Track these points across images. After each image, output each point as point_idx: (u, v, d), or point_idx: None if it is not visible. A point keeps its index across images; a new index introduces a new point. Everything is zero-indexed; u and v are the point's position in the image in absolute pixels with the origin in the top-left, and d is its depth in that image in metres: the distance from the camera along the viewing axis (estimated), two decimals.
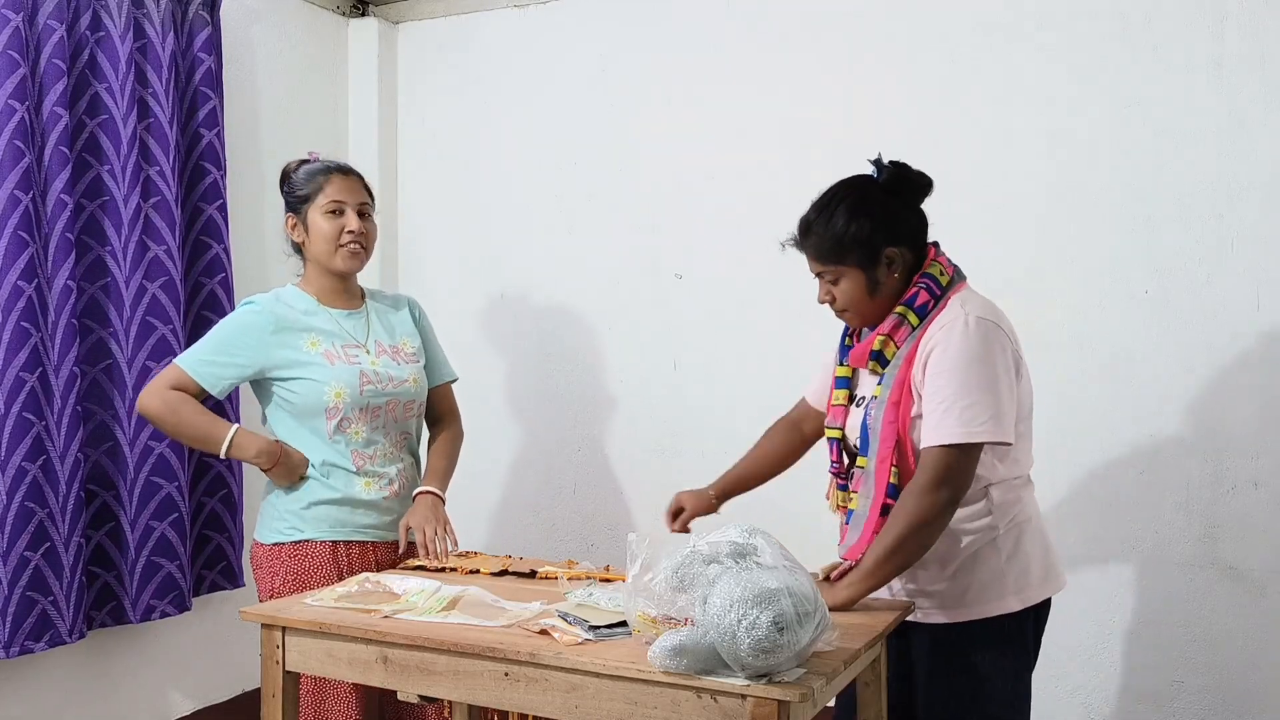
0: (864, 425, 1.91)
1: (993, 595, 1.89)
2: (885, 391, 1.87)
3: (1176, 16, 2.68)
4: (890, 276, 1.90)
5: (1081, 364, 2.78)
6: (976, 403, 1.78)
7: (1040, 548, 1.96)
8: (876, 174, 1.94)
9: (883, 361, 1.90)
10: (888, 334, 1.89)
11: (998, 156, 2.87)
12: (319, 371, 2.21)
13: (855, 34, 3.03)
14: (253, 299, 2.28)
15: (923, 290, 1.89)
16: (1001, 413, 1.81)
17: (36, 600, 2.55)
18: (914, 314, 1.88)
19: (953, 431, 1.78)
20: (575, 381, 3.47)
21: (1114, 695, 2.77)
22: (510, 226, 3.56)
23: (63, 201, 2.65)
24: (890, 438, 1.85)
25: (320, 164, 2.30)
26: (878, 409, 1.88)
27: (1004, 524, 1.90)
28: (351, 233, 2.24)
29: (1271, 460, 2.62)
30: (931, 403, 1.82)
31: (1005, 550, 1.90)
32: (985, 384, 1.80)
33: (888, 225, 1.89)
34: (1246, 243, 2.63)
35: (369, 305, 2.36)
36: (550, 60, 3.48)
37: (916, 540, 1.80)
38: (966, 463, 1.80)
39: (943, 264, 1.93)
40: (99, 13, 2.78)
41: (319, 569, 2.20)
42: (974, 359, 1.80)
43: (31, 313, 2.56)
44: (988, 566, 1.89)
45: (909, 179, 1.94)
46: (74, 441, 2.65)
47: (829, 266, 1.91)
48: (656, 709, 1.53)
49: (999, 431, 1.80)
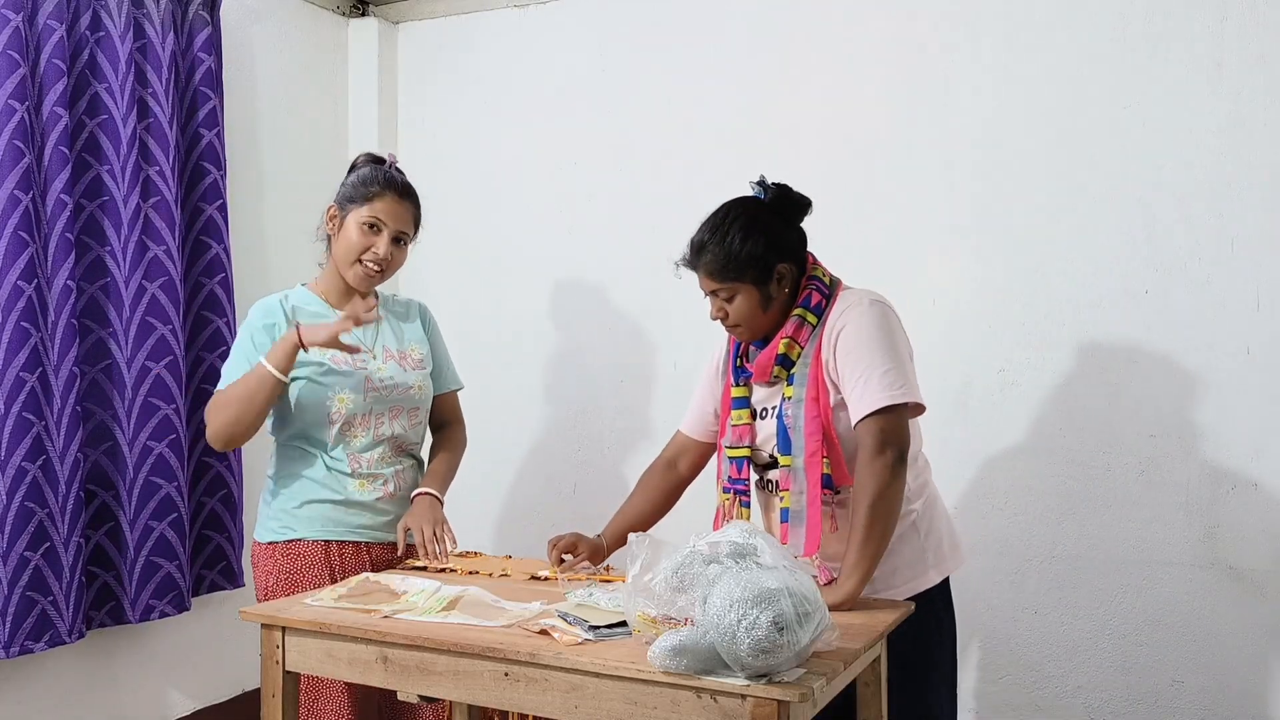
0: (781, 428, 1.98)
1: (918, 572, 2.02)
2: (800, 390, 1.96)
3: (1176, 16, 2.69)
4: (781, 291, 2.00)
5: (1081, 364, 2.78)
6: (891, 368, 1.90)
7: (945, 522, 2.11)
8: (762, 195, 2.04)
9: (788, 364, 1.99)
10: (791, 336, 1.99)
11: (998, 156, 2.87)
12: (326, 376, 2.20)
13: (854, 34, 3.03)
14: (264, 302, 2.27)
15: (814, 292, 2.01)
16: (912, 377, 1.94)
17: (36, 600, 2.55)
18: (811, 314, 1.99)
19: (877, 397, 1.88)
20: (575, 381, 3.47)
21: (1114, 695, 2.77)
22: (510, 226, 3.56)
23: (62, 201, 2.65)
24: (816, 432, 1.93)
25: (384, 175, 2.25)
26: (795, 408, 1.96)
27: (919, 502, 2.03)
28: (376, 255, 2.23)
29: (1271, 460, 2.62)
30: (850, 380, 1.92)
31: (923, 528, 2.03)
32: (894, 353, 1.92)
33: (778, 244, 2.00)
34: (1246, 243, 2.63)
35: (380, 310, 2.35)
36: (550, 60, 3.48)
37: (885, 508, 1.88)
38: (899, 422, 1.90)
39: (822, 268, 2.06)
40: (99, 13, 2.78)
41: (311, 568, 2.20)
42: (879, 332, 1.93)
43: (31, 313, 2.56)
44: (910, 545, 2.01)
45: (792, 199, 2.05)
46: (73, 441, 2.65)
47: (725, 284, 2.00)
48: (656, 709, 1.53)
49: (914, 393, 1.92)
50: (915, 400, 1.92)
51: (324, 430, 2.21)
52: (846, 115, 3.04)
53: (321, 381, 2.20)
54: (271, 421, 2.29)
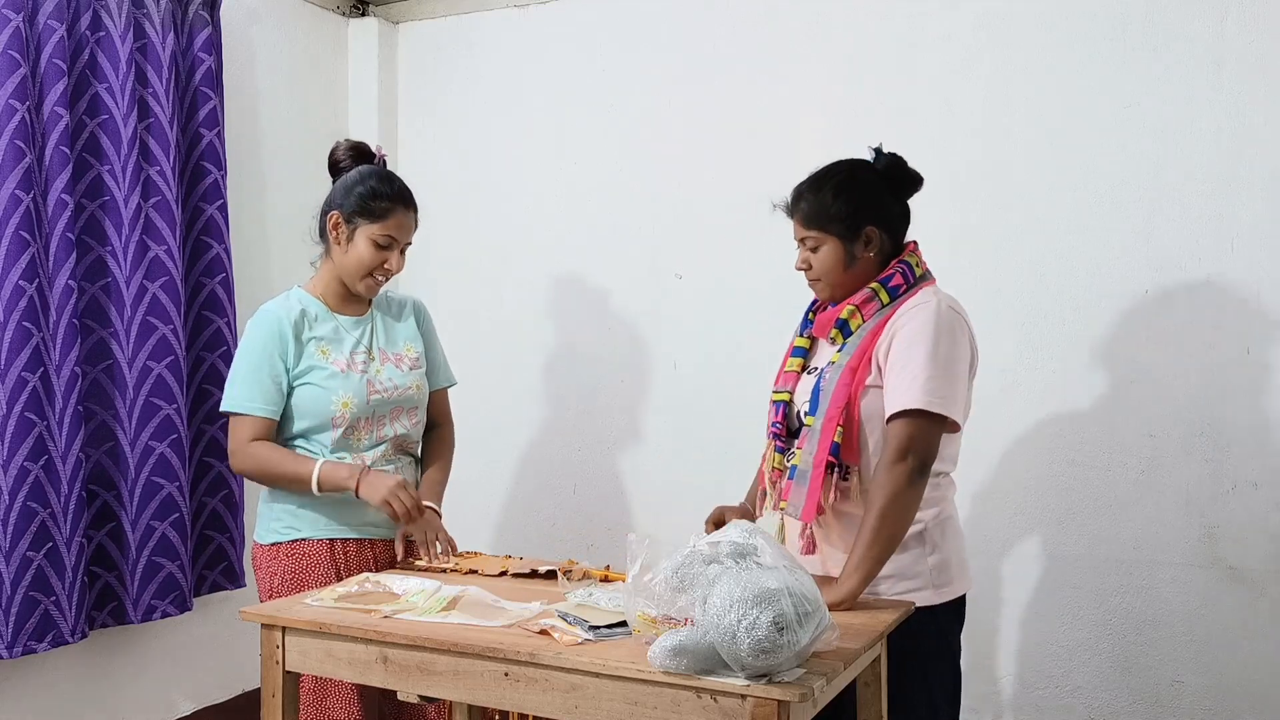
0: (816, 389, 1.98)
1: (916, 587, 1.96)
2: (844, 358, 1.96)
3: (1176, 16, 2.68)
4: (866, 254, 2.00)
5: (1081, 364, 2.78)
6: (937, 376, 1.87)
7: (958, 546, 2.04)
8: (874, 159, 2.05)
9: (846, 331, 1.98)
10: (857, 305, 1.98)
11: (998, 156, 2.87)
12: (329, 380, 2.20)
13: (855, 34, 3.03)
14: (262, 308, 2.25)
15: (898, 274, 1.99)
16: (957, 395, 1.90)
17: (39, 600, 2.56)
18: (886, 292, 1.97)
19: (916, 398, 1.86)
20: (575, 381, 3.47)
21: (1114, 695, 2.77)
22: (510, 226, 3.56)
23: (63, 201, 2.65)
24: (841, 399, 1.93)
25: (392, 189, 2.23)
26: (833, 373, 1.96)
27: (930, 518, 1.97)
28: (389, 271, 2.24)
29: (1271, 460, 2.62)
30: (894, 373, 1.90)
31: (929, 543, 1.97)
32: (947, 365, 1.89)
33: (872, 205, 2.00)
34: (1246, 243, 2.63)
35: (375, 312, 2.35)
36: (550, 60, 3.48)
37: (895, 515, 1.86)
38: (929, 433, 1.87)
39: (919, 258, 2.04)
40: (99, 13, 2.78)
41: (317, 568, 2.20)
42: (941, 340, 1.89)
43: (33, 313, 2.56)
44: (909, 556, 1.95)
45: (902, 170, 2.04)
46: (75, 441, 2.65)
47: (811, 232, 2.01)
48: (656, 709, 1.53)
49: (954, 410, 1.88)
50: (949, 415, 1.88)
51: (326, 433, 2.21)
52: (846, 115, 3.03)
53: (324, 385, 2.20)
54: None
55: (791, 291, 3.12)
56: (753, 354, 3.18)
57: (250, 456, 2.18)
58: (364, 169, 2.28)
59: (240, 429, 2.19)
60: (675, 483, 3.27)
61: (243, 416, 2.18)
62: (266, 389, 2.18)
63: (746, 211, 3.17)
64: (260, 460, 2.18)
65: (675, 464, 3.28)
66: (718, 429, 3.20)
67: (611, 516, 3.39)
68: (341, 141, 2.35)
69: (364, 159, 2.31)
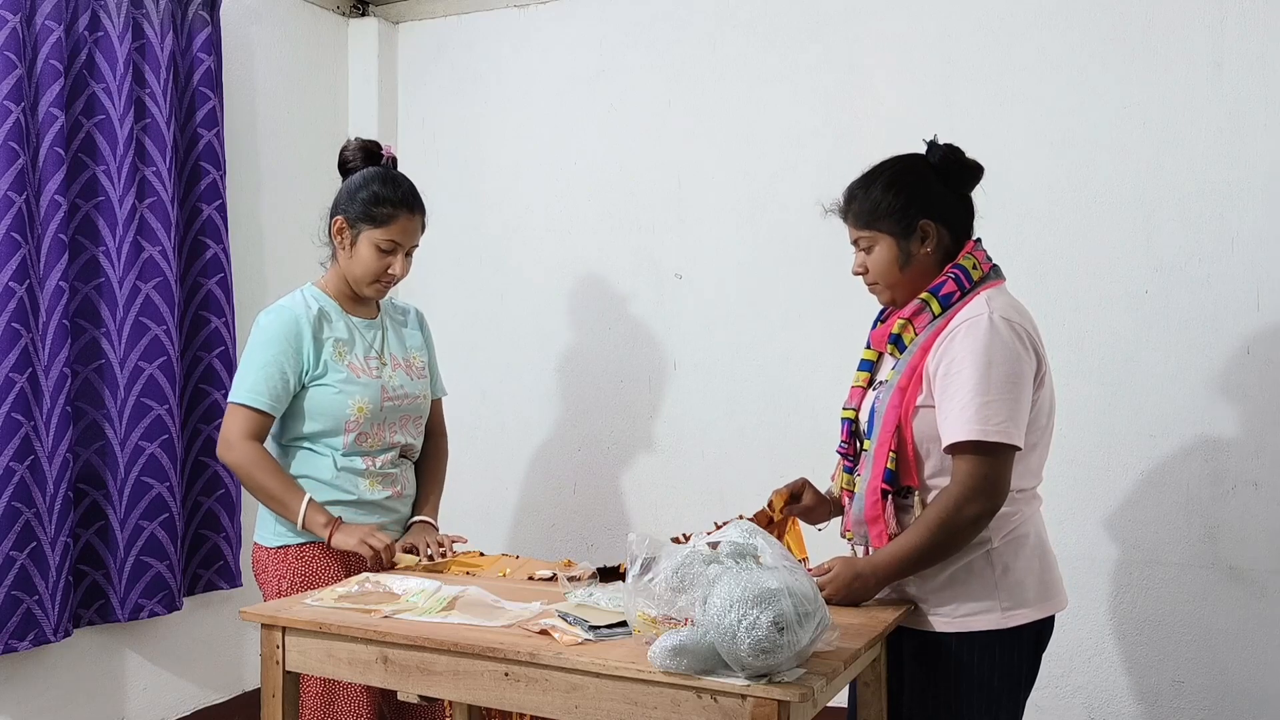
0: (873, 409, 1.91)
1: (981, 610, 1.84)
2: (896, 377, 1.87)
3: (1176, 16, 2.68)
4: (923, 251, 1.89)
5: (1081, 364, 2.78)
6: (993, 401, 1.75)
7: (1038, 566, 1.89)
8: (928, 151, 1.94)
9: (900, 346, 1.88)
10: (908, 319, 1.87)
11: (998, 157, 2.85)
12: (346, 384, 2.19)
13: (855, 34, 3.03)
14: (279, 305, 2.22)
15: (950, 280, 1.87)
16: (1017, 415, 1.77)
17: (21, 599, 2.56)
18: (937, 302, 1.86)
19: (970, 429, 1.74)
20: (575, 381, 3.46)
21: (1114, 695, 2.77)
22: (510, 226, 3.56)
23: (56, 202, 2.65)
24: (891, 423, 1.83)
25: (397, 194, 2.22)
26: (885, 393, 1.87)
27: (999, 537, 1.85)
28: (394, 275, 2.22)
29: (1271, 460, 2.61)
30: (947, 398, 1.79)
31: (999, 565, 1.84)
32: (1002, 384, 1.76)
33: (926, 198, 1.89)
34: (1246, 243, 2.63)
35: (384, 317, 2.34)
36: (550, 60, 3.48)
37: (939, 550, 1.79)
38: (994, 466, 1.76)
39: (979, 259, 1.91)
40: (98, 13, 2.78)
41: (325, 569, 2.19)
42: (994, 358, 1.77)
43: (22, 313, 2.56)
44: (979, 580, 1.84)
45: (959, 161, 1.92)
46: (63, 441, 2.65)
47: (864, 232, 1.91)
48: (656, 709, 1.52)
49: (1013, 434, 1.76)
50: (1008, 443, 1.75)
51: (339, 437, 2.20)
52: (846, 114, 3.03)
53: (341, 389, 2.19)
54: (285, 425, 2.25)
55: (792, 291, 3.12)
56: (753, 353, 3.19)
57: (243, 454, 2.15)
58: (368, 172, 2.25)
59: (237, 419, 2.17)
60: (675, 483, 3.27)
61: (243, 408, 2.16)
62: (275, 386, 2.16)
63: (747, 211, 3.18)
64: (251, 463, 2.15)
65: (675, 464, 3.27)
66: (718, 429, 3.20)
67: (611, 516, 3.39)
68: (351, 140, 2.34)
69: (373, 159, 2.30)
